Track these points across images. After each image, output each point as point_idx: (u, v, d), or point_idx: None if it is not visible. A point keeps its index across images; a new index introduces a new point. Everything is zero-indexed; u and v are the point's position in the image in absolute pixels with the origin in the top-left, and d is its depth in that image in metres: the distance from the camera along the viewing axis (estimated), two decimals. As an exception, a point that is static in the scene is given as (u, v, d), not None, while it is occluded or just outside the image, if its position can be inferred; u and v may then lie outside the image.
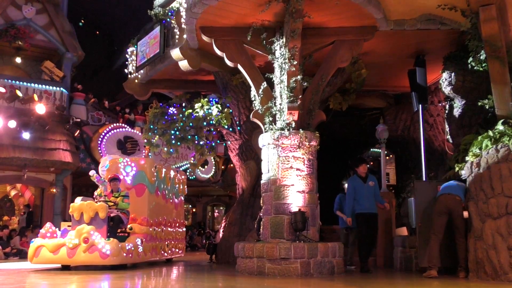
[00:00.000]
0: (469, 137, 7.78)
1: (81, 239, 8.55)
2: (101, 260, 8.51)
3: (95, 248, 8.51)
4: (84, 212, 8.87)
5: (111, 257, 8.52)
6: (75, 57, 17.95)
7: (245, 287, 6.49)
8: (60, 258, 8.70)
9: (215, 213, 28.67)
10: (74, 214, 8.99)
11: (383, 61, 10.27)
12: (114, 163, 10.21)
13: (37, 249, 8.85)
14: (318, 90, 8.68)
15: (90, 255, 8.51)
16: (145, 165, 10.17)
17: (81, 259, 8.58)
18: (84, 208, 8.90)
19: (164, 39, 10.47)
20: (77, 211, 8.96)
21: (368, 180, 8.78)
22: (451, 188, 7.54)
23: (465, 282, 6.72)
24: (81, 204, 8.98)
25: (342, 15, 8.32)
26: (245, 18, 8.43)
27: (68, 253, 8.60)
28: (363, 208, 8.66)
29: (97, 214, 8.83)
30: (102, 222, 8.87)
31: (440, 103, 11.13)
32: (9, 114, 15.24)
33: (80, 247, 8.56)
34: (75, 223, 8.91)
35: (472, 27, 7.58)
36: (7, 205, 20.09)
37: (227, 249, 10.95)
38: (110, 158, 10.66)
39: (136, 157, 11.40)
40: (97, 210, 8.85)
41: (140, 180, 10.05)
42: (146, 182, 10.09)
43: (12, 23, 16.38)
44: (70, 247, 8.59)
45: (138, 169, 10.12)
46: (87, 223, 8.77)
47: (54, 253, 8.71)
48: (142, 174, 10.08)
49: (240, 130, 11.42)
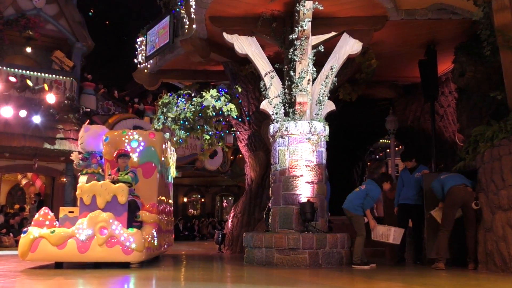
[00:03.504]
0: (480, 128, 7.72)
1: (96, 229, 6.85)
2: (123, 256, 6.87)
3: (116, 240, 6.86)
4: (98, 195, 7.14)
5: (136, 252, 6.91)
6: (85, 47, 18.00)
7: (253, 277, 6.52)
8: (68, 254, 6.87)
9: (224, 203, 28.75)
10: (83, 197, 7.19)
11: (393, 51, 10.20)
12: (116, 136, 8.48)
13: (34, 242, 6.95)
14: (328, 80, 8.64)
15: (109, 250, 6.84)
16: (155, 140, 8.48)
17: (97, 254, 6.85)
18: (98, 190, 7.17)
19: (174, 29, 10.45)
20: (87, 193, 7.19)
21: (416, 171, 8.49)
22: (462, 178, 7.38)
23: (475, 274, 6.69)
24: (94, 185, 7.28)
25: (352, 5, 8.26)
26: (254, 8, 8.40)
27: (79, 247, 6.83)
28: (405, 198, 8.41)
29: (115, 198, 7.15)
30: (121, 208, 7.16)
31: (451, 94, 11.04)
32: (20, 104, 15.34)
33: (96, 240, 6.84)
34: (84, 209, 7.15)
35: (484, 16, 7.48)
36: (18, 193, 20.31)
37: (236, 239, 11.00)
38: (87, 129, 9.28)
39: (144, 130, 9.46)
40: (115, 193, 7.16)
41: (148, 157, 8.32)
42: (156, 161, 8.38)
43: (23, 13, 16.44)
44: (81, 240, 6.86)
45: (147, 144, 8.39)
46: (102, 208, 7.07)
47: (59, 247, 6.87)
48: (151, 151, 8.36)
49: (249, 120, 11.41)
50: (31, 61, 17.67)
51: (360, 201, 7.77)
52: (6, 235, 13.47)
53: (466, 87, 8.98)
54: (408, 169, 8.54)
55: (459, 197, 7.21)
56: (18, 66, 16.33)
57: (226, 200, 28.81)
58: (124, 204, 7.18)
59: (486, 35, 7.58)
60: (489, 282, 5.85)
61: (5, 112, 14.96)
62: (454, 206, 7.29)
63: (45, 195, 17.59)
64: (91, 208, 7.10)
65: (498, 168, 6.79)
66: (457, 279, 6.18)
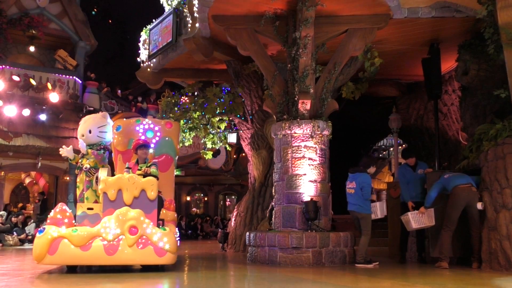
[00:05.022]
0: (484, 126, 7.69)
1: (125, 228, 6.19)
2: (156, 258, 6.23)
3: (148, 241, 6.22)
4: (124, 189, 6.41)
5: (169, 254, 6.29)
6: (88, 45, 18.05)
7: (256, 276, 6.52)
8: (94, 256, 6.11)
9: (227, 202, 28.77)
10: (108, 191, 6.45)
11: (396, 50, 10.16)
12: (129, 124, 7.68)
13: (53, 243, 6.12)
14: (331, 79, 8.63)
15: (141, 252, 6.17)
16: (172, 130, 7.81)
17: (127, 257, 6.16)
18: (125, 184, 6.43)
19: (177, 27, 10.44)
20: (113, 187, 6.42)
21: (418, 168, 8.46)
22: (466, 178, 7.34)
23: (478, 273, 6.68)
24: (120, 179, 6.49)
25: (355, 3, 8.24)
26: (257, 6, 8.38)
27: (107, 248, 6.10)
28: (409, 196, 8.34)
29: (144, 193, 6.47)
30: (151, 204, 6.51)
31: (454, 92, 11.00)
32: (24, 103, 15.38)
33: (125, 240, 6.17)
34: (108, 205, 6.43)
35: (488, 14, 7.44)
36: (22, 192, 20.37)
37: (239, 237, 11.01)
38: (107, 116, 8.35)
39: (160, 120, 8.61)
40: (144, 188, 6.47)
41: (165, 149, 7.67)
42: (173, 153, 7.73)
43: (26, 12, 16.50)
44: (109, 240, 6.14)
45: (163, 134, 7.70)
46: (129, 205, 6.40)
47: (82, 248, 6.12)
48: (168, 142, 7.71)
49: (252, 119, 11.41)
50: (35, 60, 17.72)
51: (362, 199, 7.73)
52: (10, 234, 13.51)
53: (470, 86, 8.94)
54: (410, 166, 8.52)
55: (463, 197, 7.19)
56: (21, 65, 16.38)
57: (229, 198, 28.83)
58: (154, 200, 6.51)
59: (490, 33, 7.55)
60: (493, 281, 5.84)
61: (8, 111, 15.01)
62: (458, 206, 7.25)
63: (49, 194, 17.65)
64: (116, 204, 6.38)
65: (502, 167, 6.77)
66: (460, 278, 6.16)
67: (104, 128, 8.05)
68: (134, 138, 7.43)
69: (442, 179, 7.57)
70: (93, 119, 8.03)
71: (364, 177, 7.80)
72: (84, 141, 7.88)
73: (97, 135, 7.94)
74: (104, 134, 8.04)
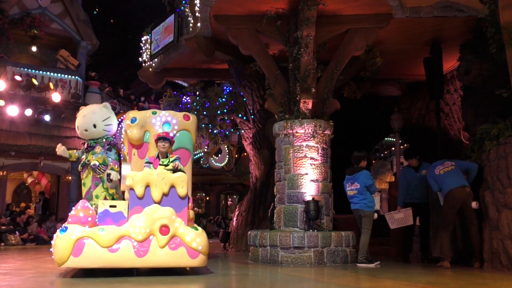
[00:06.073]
0: (486, 126, 7.68)
1: (155, 227, 5.75)
2: (189, 260, 5.86)
3: (180, 242, 5.83)
4: (153, 185, 5.94)
5: (201, 256, 5.94)
6: (89, 45, 18.08)
7: (258, 276, 6.52)
8: (123, 258, 5.67)
9: (228, 202, 28.79)
10: (135, 187, 5.92)
11: (398, 49, 10.16)
12: (146, 116, 7.01)
13: (78, 244, 5.63)
14: (332, 78, 8.62)
15: (173, 253, 5.78)
16: (190, 123, 7.22)
17: (158, 259, 5.75)
18: (154, 179, 5.95)
19: (178, 27, 10.45)
20: (140, 183, 5.92)
21: (421, 169, 8.43)
22: (460, 177, 7.38)
23: (480, 272, 6.68)
24: (149, 174, 6.00)
25: (357, 3, 8.23)
26: (259, 6, 8.38)
27: (137, 250, 5.68)
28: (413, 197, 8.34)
29: (174, 190, 6.02)
30: (181, 202, 6.03)
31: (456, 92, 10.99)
32: (26, 103, 15.42)
33: (156, 241, 5.77)
34: (136, 203, 5.93)
35: (490, 13, 7.44)
36: (24, 192, 20.42)
37: (240, 237, 11.01)
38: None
39: (177, 112, 7.84)
40: (173, 184, 6.01)
41: (183, 143, 7.03)
42: (191, 147, 7.17)
43: (28, 12, 16.53)
44: (138, 240, 5.70)
45: (181, 128, 7.09)
46: (157, 202, 5.94)
47: (110, 249, 5.65)
48: (186, 136, 7.10)
49: (254, 119, 11.41)
50: (37, 60, 17.76)
51: (367, 196, 7.71)
52: (12, 233, 13.54)
53: (472, 85, 8.93)
54: (412, 168, 8.51)
55: (458, 199, 7.30)
56: (23, 65, 16.42)
57: (230, 198, 28.86)
58: (184, 197, 6.05)
59: (492, 33, 7.54)
60: (495, 281, 5.83)
61: (10, 111, 15.04)
62: (454, 207, 7.36)
63: (51, 193, 17.69)
64: (144, 201, 5.92)
65: (504, 166, 6.76)
66: (462, 278, 6.16)
67: (109, 121, 7.55)
68: (150, 131, 6.92)
69: (432, 174, 7.61)
70: (96, 113, 7.52)
71: (365, 174, 7.80)
72: (87, 135, 7.49)
73: (103, 128, 7.44)
74: (110, 127, 7.53)
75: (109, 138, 7.46)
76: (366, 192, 7.71)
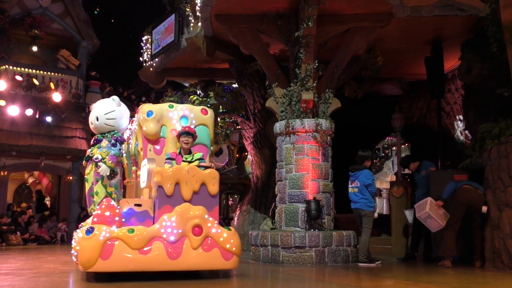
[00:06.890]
0: (487, 125, 7.67)
1: (188, 227, 5.41)
2: (223, 262, 5.52)
3: (213, 243, 5.49)
4: (183, 183, 5.56)
5: (235, 258, 5.60)
6: (90, 45, 18.09)
7: (260, 275, 6.52)
8: (155, 261, 5.28)
9: (229, 201, 28.78)
10: (164, 185, 5.54)
11: (399, 48, 10.15)
12: (163, 110, 6.51)
13: (106, 246, 5.16)
14: (333, 78, 8.62)
15: (207, 255, 5.44)
16: (208, 118, 6.69)
17: (191, 261, 5.39)
18: (184, 176, 5.56)
19: (179, 27, 10.46)
20: (170, 180, 5.54)
21: (421, 169, 8.47)
22: (475, 184, 7.30)
23: (481, 271, 6.67)
24: (179, 170, 5.60)
25: (357, 2, 8.22)
26: (259, 6, 8.38)
27: (169, 251, 5.32)
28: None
29: (205, 187, 5.65)
30: (212, 200, 5.69)
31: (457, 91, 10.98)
32: (26, 102, 15.43)
33: (188, 241, 5.41)
34: (165, 201, 5.54)
35: (491, 12, 7.43)
36: (25, 192, 20.44)
37: (241, 237, 11.00)
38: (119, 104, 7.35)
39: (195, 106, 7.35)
40: (204, 181, 5.65)
41: (201, 139, 6.49)
42: (209, 143, 6.67)
43: (28, 11, 16.55)
44: (171, 241, 5.35)
45: (198, 122, 6.57)
46: (188, 200, 5.57)
47: (141, 251, 5.25)
48: (204, 130, 6.59)
49: (254, 118, 11.41)
50: (37, 59, 17.77)
51: (367, 195, 7.71)
52: (13, 234, 13.55)
53: (473, 84, 8.92)
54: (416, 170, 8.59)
55: (466, 197, 7.22)
56: (24, 65, 16.43)
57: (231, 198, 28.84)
58: (215, 195, 5.71)
59: (493, 32, 7.53)
60: (496, 280, 5.83)
61: (11, 111, 15.05)
62: (461, 206, 7.28)
63: (52, 193, 17.69)
64: (174, 200, 5.53)
65: (505, 165, 6.75)
66: (464, 277, 6.16)
67: (112, 115, 7.17)
68: (167, 125, 6.47)
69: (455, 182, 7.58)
70: (101, 105, 7.23)
71: (365, 173, 7.79)
72: (94, 129, 7.21)
73: (104, 122, 7.11)
74: (113, 121, 7.16)
75: (117, 134, 7.15)
76: (366, 191, 7.71)
